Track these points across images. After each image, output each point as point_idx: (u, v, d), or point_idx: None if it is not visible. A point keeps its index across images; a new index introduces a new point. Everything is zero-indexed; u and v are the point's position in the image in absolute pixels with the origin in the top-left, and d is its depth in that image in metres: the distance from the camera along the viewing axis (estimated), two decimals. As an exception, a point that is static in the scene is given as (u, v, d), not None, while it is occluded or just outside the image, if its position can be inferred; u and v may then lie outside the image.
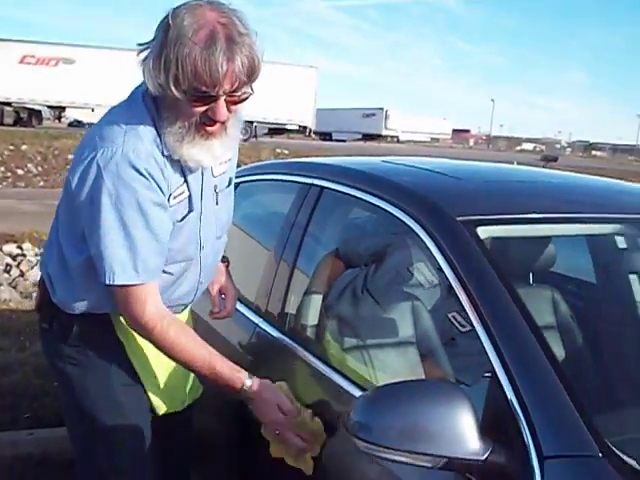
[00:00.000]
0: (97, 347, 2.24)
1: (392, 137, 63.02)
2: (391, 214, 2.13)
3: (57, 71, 31.49)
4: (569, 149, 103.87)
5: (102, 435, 2.24)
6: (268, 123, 35.07)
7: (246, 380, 2.04)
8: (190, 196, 2.11)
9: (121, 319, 2.19)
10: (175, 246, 2.09)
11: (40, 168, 18.70)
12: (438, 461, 1.49)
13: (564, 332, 2.29)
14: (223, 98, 1.89)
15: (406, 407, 1.53)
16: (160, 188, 1.99)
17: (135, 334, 2.19)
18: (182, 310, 2.35)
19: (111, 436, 2.24)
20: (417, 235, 2.01)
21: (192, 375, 2.39)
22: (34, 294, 2.38)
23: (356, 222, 2.61)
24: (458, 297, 1.80)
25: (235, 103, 1.94)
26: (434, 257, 1.92)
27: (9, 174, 18.26)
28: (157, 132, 2.00)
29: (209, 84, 1.84)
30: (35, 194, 15.69)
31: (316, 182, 2.59)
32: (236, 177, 2.40)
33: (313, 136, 46.23)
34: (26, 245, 9.55)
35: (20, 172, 18.26)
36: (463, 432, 1.49)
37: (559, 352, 1.72)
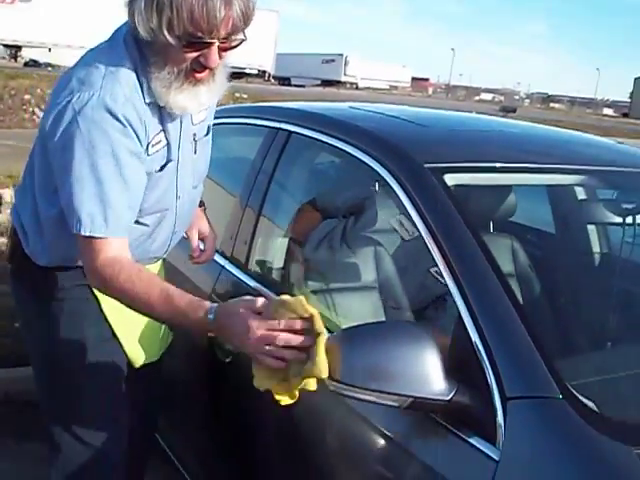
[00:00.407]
0: (69, 302, 2.18)
1: (351, 84, 62.72)
2: (360, 160, 2.15)
3: (13, 8, 30.63)
4: (527, 100, 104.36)
5: (75, 390, 2.19)
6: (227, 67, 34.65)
7: (209, 309, 1.73)
8: (168, 144, 2.04)
9: None
10: (152, 197, 2.03)
11: (-5, 107, 18.28)
12: (404, 400, 1.54)
13: (522, 280, 2.35)
14: (217, 44, 1.83)
15: (372, 347, 1.54)
16: (137, 136, 1.92)
17: None
18: (155, 262, 2.31)
19: (84, 391, 2.19)
20: (385, 181, 2.03)
21: (164, 325, 2.34)
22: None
23: (324, 167, 2.62)
24: (426, 243, 1.83)
25: (227, 49, 1.88)
26: (402, 203, 1.95)
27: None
28: (138, 77, 1.92)
29: (205, 30, 1.78)
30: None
31: (284, 126, 2.59)
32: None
33: (272, 81, 45.81)
34: (-1, 193, 9.39)
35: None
36: (428, 372, 1.53)
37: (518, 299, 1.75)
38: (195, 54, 1.83)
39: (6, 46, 32.41)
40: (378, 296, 2.31)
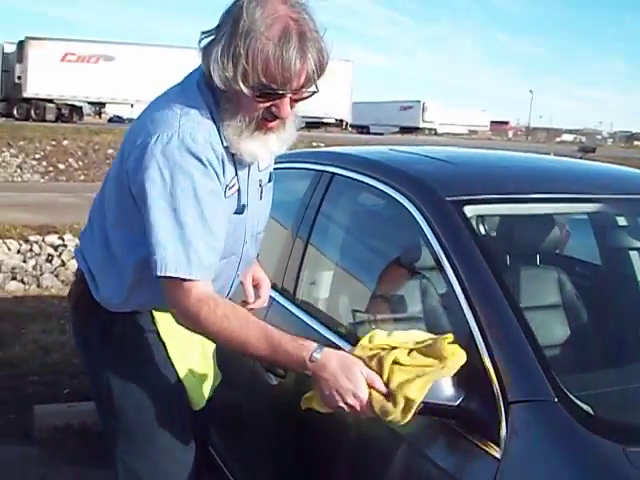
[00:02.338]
0: (137, 348, 2.19)
1: (430, 130, 62.65)
2: (391, 196, 2.34)
3: (97, 68, 32.08)
4: (610, 140, 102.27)
5: (148, 438, 2.21)
6: (305, 117, 35.28)
7: (314, 350, 1.77)
8: (239, 190, 2.05)
9: (165, 317, 2.12)
10: (226, 241, 2.01)
11: (81, 162, 19.16)
12: (418, 406, 1.70)
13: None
14: (289, 96, 1.85)
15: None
16: (217, 177, 1.92)
17: (175, 330, 2.10)
18: None
19: (156, 438, 2.21)
20: (412, 214, 2.21)
21: (215, 364, 2.39)
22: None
23: (362, 205, 2.81)
24: (444, 268, 2.00)
25: (299, 100, 1.91)
26: (424, 233, 2.13)
27: (51, 168, 18.77)
28: (214, 120, 1.93)
29: (280, 82, 1.80)
30: (76, 188, 16.10)
31: (328, 169, 2.81)
32: None
33: (350, 129, 46.35)
34: (67, 236, 9.88)
35: (62, 166, 18.76)
36: (440, 382, 1.71)
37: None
38: (267, 104, 1.86)
39: (91, 103, 33.81)
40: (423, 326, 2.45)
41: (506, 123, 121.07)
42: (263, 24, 1.76)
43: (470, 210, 2.14)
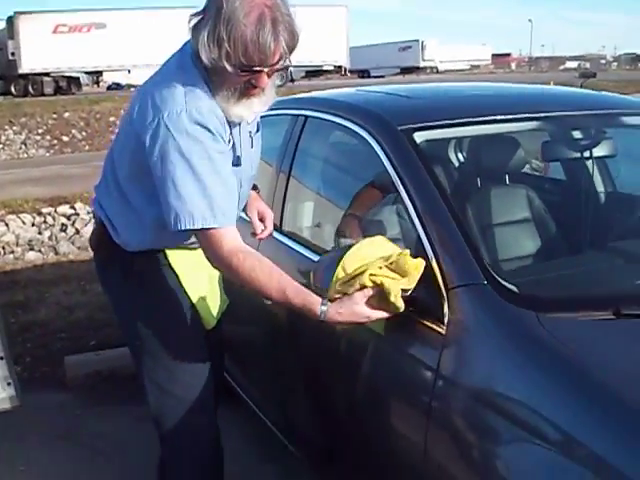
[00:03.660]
0: (154, 277, 2.54)
1: (431, 68, 62.17)
2: (351, 130, 2.69)
3: (90, 37, 32.02)
4: (615, 63, 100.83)
5: (168, 355, 2.57)
6: (303, 66, 35.44)
7: (320, 307, 2.11)
8: (234, 144, 2.36)
9: (175, 252, 2.51)
10: None
11: (84, 133, 19.41)
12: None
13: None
14: (266, 70, 2.16)
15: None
16: (222, 139, 2.24)
17: (185, 262, 2.53)
18: None
19: (175, 354, 2.57)
20: (369, 144, 2.56)
21: (222, 288, 2.77)
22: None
23: (332, 142, 3.15)
24: (394, 184, 2.36)
25: (275, 72, 2.22)
26: (381, 160, 2.48)
27: (55, 142, 19.04)
28: (211, 92, 2.23)
29: (257, 61, 2.11)
30: (82, 158, 16.38)
31: (302, 112, 3.17)
32: None
33: (349, 75, 46.18)
34: (78, 205, 10.21)
35: (65, 139, 19.02)
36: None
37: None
38: (248, 77, 2.17)
39: (88, 73, 33.82)
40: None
41: (508, 55, 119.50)
42: (242, 11, 2.05)
43: (419, 136, 2.49)
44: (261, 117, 3.26)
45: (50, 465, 3.67)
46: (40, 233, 9.55)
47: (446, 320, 2.02)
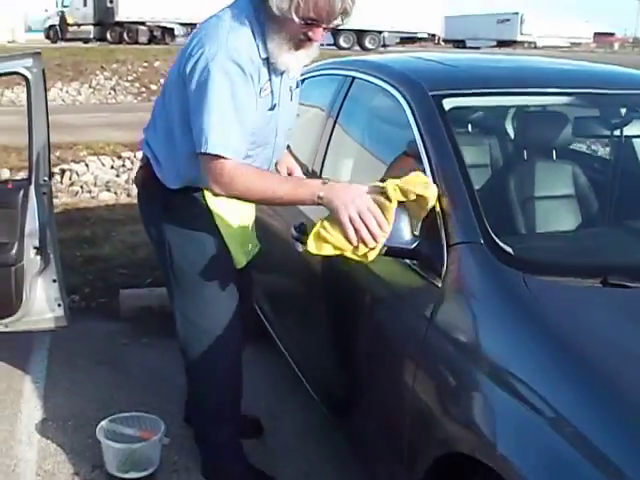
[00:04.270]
0: (192, 216, 2.75)
1: (529, 43, 60.68)
2: (389, 92, 2.82)
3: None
4: None
5: (198, 289, 2.80)
6: (397, 32, 35.24)
7: (320, 193, 2.27)
8: (272, 91, 2.58)
9: (210, 193, 2.63)
10: (260, 133, 2.58)
11: (173, 83, 19.82)
12: (383, 249, 2.21)
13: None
14: (324, 26, 2.40)
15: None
16: (252, 81, 2.45)
17: (221, 204, 2.72)
18: None
19: (205, 290, 2.79)
20: (402, 107, 2.68)
21: (254, 234, 3.02)
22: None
23: (373, 102, 3.27)
24: (418, 146, 2.49)
25: (329, 29, 2.46)
26: (409, 122, 2.60)
27: (143, 89, 19.47)
28: (254, 37, 2.45)
29: (324, 18, 2.36)
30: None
31: (350, 74, 3.31)
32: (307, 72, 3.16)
33: (442, 44, 45.71)
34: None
35: (154, 87, 19.36)
36: (401, 230, 2.21)
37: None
38: (307, 30, 2.41)
39: (182, 24, 34.09)
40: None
41: (612, 35, 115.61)
42: None
43: (448, 102, 2.60)
44: (315, 76, 3.45)
45: (92, 385, 3.94)
46: (118, 176, 9.85)
47: (443, 274, 2.15)
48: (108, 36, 33.15)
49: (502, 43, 56.60)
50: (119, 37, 32.74)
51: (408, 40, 37.32)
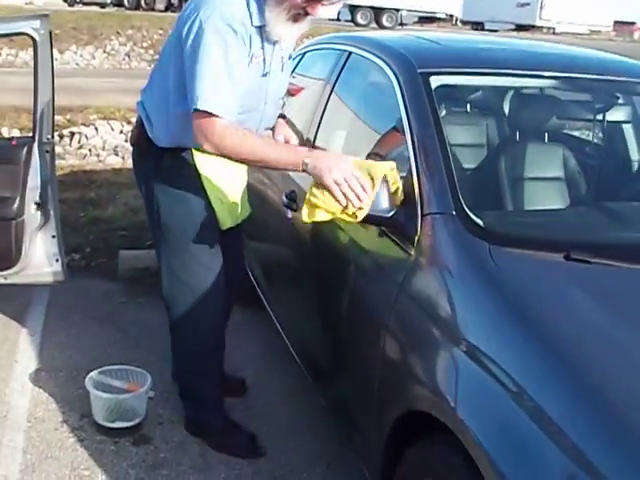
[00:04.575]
0: (180, 176, 2.88)
1: (548, 28, 60.21)
2: (381, 68, 2.91)
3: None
4: None
5: (183, 245, 2.94)
6: (415, 11, 35.10)
7: (305, 160, 2.39)
8: (264, 59, 2.71)
9: (199, 155, 2.83)
10: (249, 98, 2.69)
11: (187, 51, 19.86)
12: (366, 218, 2.32)
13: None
14: (323, 2, 2.53)
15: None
16: (245, 44, 2.59)
17: (209, 166, 2.86)
18: None
19: (189, 246, 2.93)
20: (391, 82, 2.77)
21: (245, 199, 3.16)
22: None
23: (367, 76, 3.36)
24: (402, 120, 2.59)
25: (327, 5, 2.57)
26: (397, 97, 2.69)
27: (157, 57, 19.50)
28: (248, 5, 2.60)
29: None
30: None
31: (347, 48, 3.40)
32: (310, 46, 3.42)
33: (460, 25, 45.41)
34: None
35: (168, 55, 19.49)
36: (380, 199, 2.31)
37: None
38: (306, 4, 2.55)
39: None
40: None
41: (632, 24, 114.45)
42: None
43: (435, 80, 2.69)
44: (316, 49, 3.55)
45: (85, 340, 4.08)
46: (126, 141, 9.92)
47: (416, 242, 2.26)
48: (125, 2, 33.01)
49: (521, 27, 56.16)
50: (136, 3, 32.59)
51: (426, 19, 37.12)
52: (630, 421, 1.61)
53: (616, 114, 3.11)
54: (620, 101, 3.17)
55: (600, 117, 3.06)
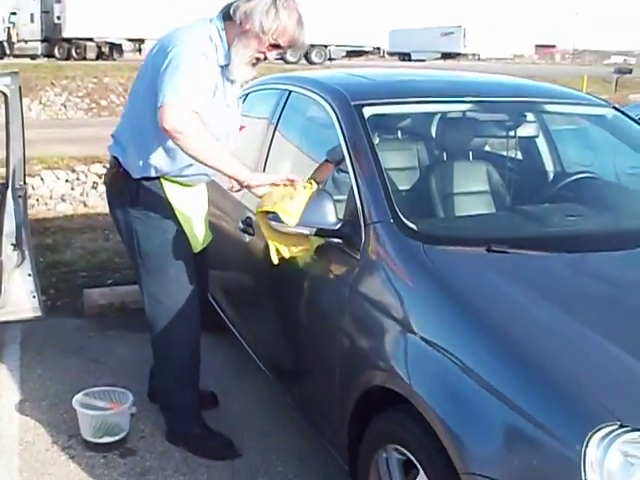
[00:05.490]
0: (154, 207, 3.22)
1: (473, 55, 61.85)
2: (319, 103, 3.33)
3: (134, 5, 32.43)
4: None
5: (161, 270, 3.28)
6: (343, 46, 36.01)
7: (246, 176, 2.96)
8: (225, 94, 3.15)
9: (170, 186, 3.22)
10: (215, 126, 3.04)
11: (122, 98, 19.95)
12: (313, 230, 2.73)
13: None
14: (279, 50, 3.05)
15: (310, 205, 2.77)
16: (212, 72, 3.03)
17: (178, 196, 3.26)
18: (206, 180, 3.42)
19: (167, 270, 3.28)
20: (330, 115, 3.19)
21: (207, 225, 3.52)
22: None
23: (307, 112, 3.78)
24: (342, 149, 3.00)
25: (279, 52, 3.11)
26: (336, 128, 3.11)
27: (93, 105, 19.70)
28: (216, 47, 3.02)
29: (286, 44, 3.04)
30: (118, 122, 17.01)
31: (287, 87, 3.83)
32: (251, 87, 3.97)
33: (387, 57, 46.57)
34: (110, 165, 10.86)
35: (104, 103, 19.64)
36: (327, 214, 2.72)
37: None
38: (265, 50, 3.03)
39: (130, 40, 34.28)
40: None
41: (552, 47, 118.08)
42: (291, 10, 3.01)
43: (367, 111, 3.12)
44: (258, 90, 3.95)
45: (62, 371, 4.37)
46: (72, 189, 10.16)
47: (362, 248, 2.67)
48: (56, 52, 33.08)
49: (447, 55, 57.68)
50: (67, 53, 32.70)
51: (354, 53, 38.11)
52: (543, 368, 2.03)
53: (528, 130, 3.62)
54: (530, 119, 3.66)
55: (514, 133, 3.54)
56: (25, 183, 4.00)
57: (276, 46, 3.04)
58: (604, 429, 1.82)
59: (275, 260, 2.90)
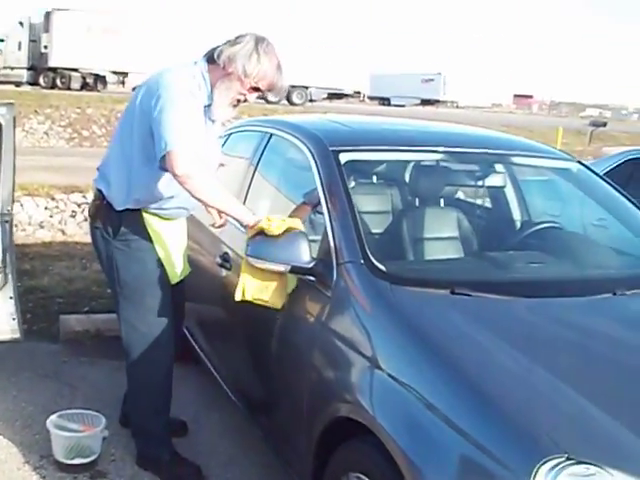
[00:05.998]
0: (135, 238, 3.37)
1: (452, 102, 62.79)
2: (298, 147, 3.51)
3: (120, 39, 32.88)
4: (636, 115, 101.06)
5: (139, 299, 3.43)
6: (324, 88, 36.53)
7: (249, 219, 3.09)
8: (207, 131, 3.31)
9: (150, 218, 3.36)
10: (208, 161, 3.26)
11: (104, 130, 20.18)
12: (288, 267, 2.89)
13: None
14: (259, 93, 3.27)
15: (282, 242, 2.94)
16: (200, 110, 3.21)
17: (158, 229, 3.41)
18: (186, 214, 3.59)
19: (144, 299, 3.42)
20: (308, 160, 3.37)
21: (186, 258, 3.67)
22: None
23: (287, 154, 3.96)
24: (319, 192, 3.18)
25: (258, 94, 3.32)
26: (313, 171, 3.29)
27: (75, 135, 19.84)
28: (199, 86, 3.19)
29: (266, 88, 3.24)
30: (99, 153, 16.54)
31: (268, 130, 4.01)
32: (234, 128, 4.15)
33: (367, 100, 47.24)
34: (90, 195, 10.94)
35: (86, 133, 19.79)
36: (301, 253, 2.89)
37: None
38: (245, 93, 3.23)
39: (115, 73, 34.72)
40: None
41: (530, 97, 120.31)
42: (272, 56, 3.23)
43: (344, 156, 3.30)
44: (240, 131, 4.14)
45: (36, 394, 4.46)
46: (51, 216, 10.24)
47: (333, 286, 2.83)
48: (41, 81, 33.32)
49: (426, 102, 58.49)
50: (52, 82, 32.94)
51: (335, 96, 38.65)
52: (498, 404, 2.19)
53: (496, 180, 3.83)
54: (499, 169, 3.87)
55: (483, 183, 3.74)
56: (12, 209, 4.13)
57: (256, 89, 3.24)
58: (551, 461, 1.97)
59: (237, 297, 3.04)
